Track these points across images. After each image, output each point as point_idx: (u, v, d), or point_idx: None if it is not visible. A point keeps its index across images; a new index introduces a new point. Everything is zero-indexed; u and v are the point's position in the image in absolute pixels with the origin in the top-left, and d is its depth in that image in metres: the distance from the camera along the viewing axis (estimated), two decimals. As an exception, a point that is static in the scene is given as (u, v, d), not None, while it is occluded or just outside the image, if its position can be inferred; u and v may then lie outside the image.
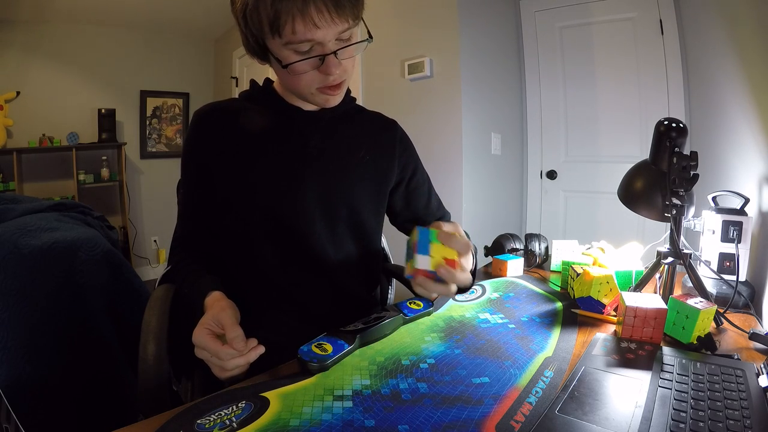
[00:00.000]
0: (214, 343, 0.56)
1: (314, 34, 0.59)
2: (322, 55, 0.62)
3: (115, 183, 3.41)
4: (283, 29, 0.59)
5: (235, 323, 0.58)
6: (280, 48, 0.62)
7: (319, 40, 0.60)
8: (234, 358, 0.55)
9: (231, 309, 0.61)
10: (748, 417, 0.46)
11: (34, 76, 3.07)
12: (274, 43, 0.62)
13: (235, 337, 0.55)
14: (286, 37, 0.60)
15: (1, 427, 1.08)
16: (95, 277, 1.41)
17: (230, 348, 0.55)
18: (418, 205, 0.91)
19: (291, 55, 0.62)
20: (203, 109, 0.76)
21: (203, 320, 0.59)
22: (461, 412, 0.48)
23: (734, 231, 0.84)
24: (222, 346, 0.56)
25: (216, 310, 0.60)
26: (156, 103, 3.65)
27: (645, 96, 2.07)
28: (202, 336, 0.57)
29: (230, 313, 0.60)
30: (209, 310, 0.61)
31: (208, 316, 0.59)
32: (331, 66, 0.63)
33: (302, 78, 0.65)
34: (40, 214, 1.62)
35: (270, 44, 0.63)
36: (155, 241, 3.73)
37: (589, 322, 0.76)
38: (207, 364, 0.57)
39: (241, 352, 0.55)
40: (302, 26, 0.58)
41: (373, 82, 2.33)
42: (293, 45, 0.61)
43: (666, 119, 0.81)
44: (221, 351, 0.55)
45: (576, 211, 2.36)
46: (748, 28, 1.18)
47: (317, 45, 0.61)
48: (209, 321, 0.59)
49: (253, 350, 0.57)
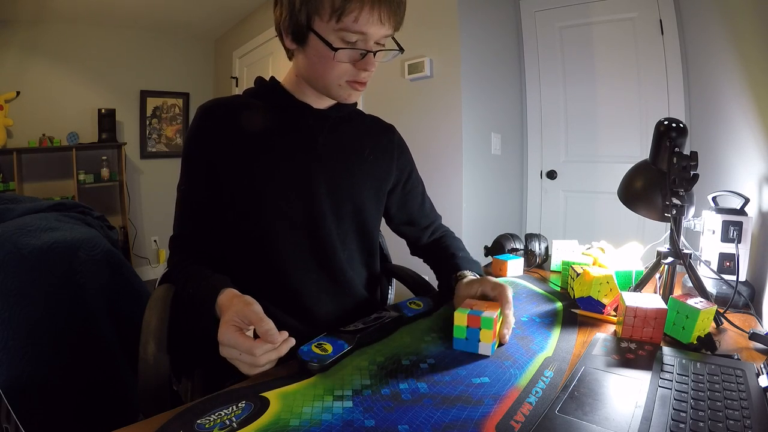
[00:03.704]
0: (245, 339, 0.54)
1: (370, 28, 0.64)
2: (365, 51, 0.66)
3: (115, 183, 3.41)
4: (347, 15, 0.62)
5: (264, 316, 0.56)
6: (330, 32, 0.64)
7: (369, 36, 0.65)
8: (267, 353, 0.54)
9: (255, 304, 0.59)
10: (748, 417, 0.46)
11: (34, 76, 3.06)
12: (325, 26, 0.64)
13: (267, 329, 0.54)
14: (344, 24, 0.63)
15: (1, 427, 1.08)
16: (95, 277, 1.41)
17: (263, 342, 0.54)
18: (412, 207, 0.93)
19: (339, 42, 0.65)
20: (207, 104, 0.75)
21: (227, 317, 0.57)
22: (461, 412, 0.48)
23: (734, 231, 0.84)
24: (254, 341, 0.54)
25: (239, 306, 0.58)
26: (156, 103, 3.65)
27: (645, 96, 2.07)
28: (231, 333, 0.55)
29: (256, 308, 0.58)
30: (231, 307, 0.59)
31: (232, 312, 0.57)
32: (369, 63, 0.68)
33: (339, 67, 0.68)
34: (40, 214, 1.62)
35: (319, 26, 0.65)
36: (155, 241, 3.73)
37: (589, 322, 0.76)
38: (233, 362, 0.55)
39: (274, 345, 0.54)
40: (367, 18, 0.62)
41: (373, 82, 2.30)
42: (345, 33, 0.64)
43: (666, 119, 0.81)
44: (255, 346, 0.53)
45: (576, 211, 2.36)
46: (748, 27, 1.18)
47: (362, 40, 0.65)
48: (234, 317, 0.57)
49: (284, 343, 0.55)
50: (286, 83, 0.78)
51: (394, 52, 0.71)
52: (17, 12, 2.87)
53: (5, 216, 1.50)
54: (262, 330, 0.54)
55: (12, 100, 2.99)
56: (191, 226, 0.78)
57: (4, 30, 2.92)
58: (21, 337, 1.18)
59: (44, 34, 3.07)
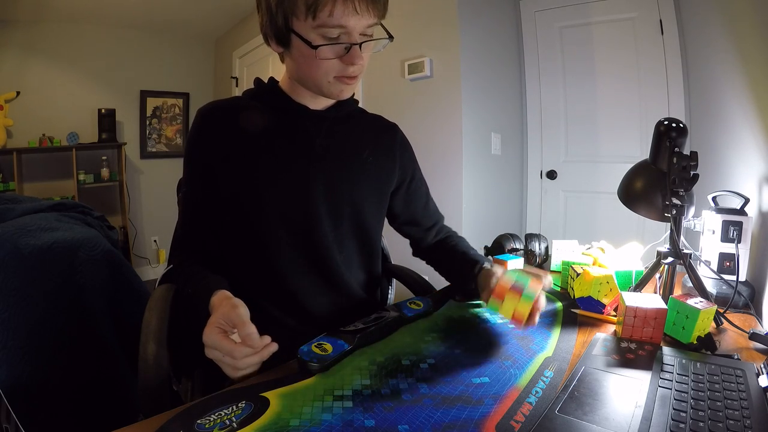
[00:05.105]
0: (227, 342, 0.55)
1: (348, 21, 0.62)
2: (349, 44, 0.64)
3: (115, 183, 3.40)
4: (321, 10, 0.60)
5: (248, 320, 0.56)
6: (309, 30, 0.63)
7: (350, 29, 0.63)
8: (247, 356, 0.54)
9: (242, 307, 0.60)
10: (748, 417, 0.46)
11: (34, 76, 3.06)
12: (303, 25, 0.63)
13: (248, 334, 0.54)
14: (320, 20, 0.61)
15: (1, 427, 1.08)
16: (95, 277, 1.41)
17: (244, 346, 0.54)
18: (416, 207, 0.93)
19: (319, 39, 0.64)
20: (206, 107, 0.76)
21: (213, 319, 0.58)
22: (461, 412, 0.48)
23: (734, 231, 0.84)
24: (235, 344, 0.55)
25: (226, 309, 0.59)
26: (156, 103, 3.65)
27: (645, 96, 2.07)
28: (214, 335, 0.56)
29: (241, 311, 0.58)
30: (218, 309, 0.60)
31: (218, 314, 0.58)
32: (355, 56, 0.66)
33: (324, 64, 0.66)
34: (40, 214, 1.62)
35: (298, 26, 0.64)
36: (155, 241, 3.72)
37: (589, 322, 0.76)
38: (218, 364, 0.56)
39: (255, 350, 0.55)
40: (341, 10, 0.61)
41: (373, 82, 2.33)
42: (324, 29, 0.62)
43: (666, 119, 0.81)
44: (235, 349, 0.54)
45: (576, 211, 2.36)
46: (748, 27, 1.18)
47: (345, 34, 0.64)
48: (219, 320, 0.57)
49: (266, 347, 0.56)
50: (283, 85, 0.78)
51: (384, 41, 0.69)
52: (17, 12, 2.87)
53: (5, 216, 1.50)
54: (243, 334, 0.55)
55: (12, 100, 2.99)
56: (193, 228, 0.79)
57: (4, 30, 2.92)
58: (21, 337, 1.18)
59: (44, 34, 3.07)
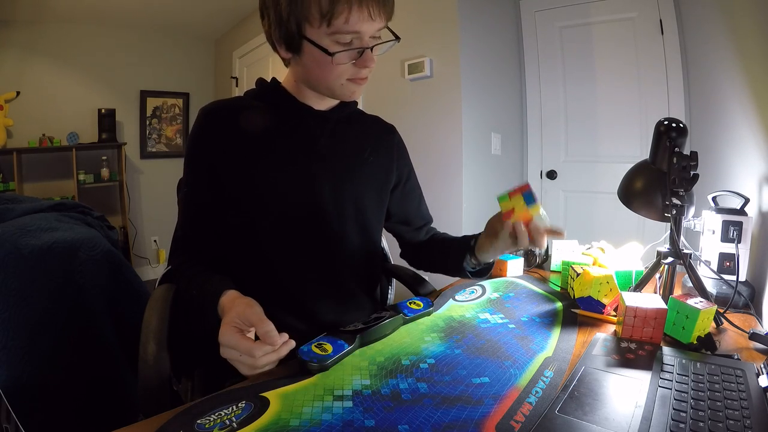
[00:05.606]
0: (246, 341, 0.55)
1: (362, 26, 0.63)
2: (362, 48, 0.65)
3: (115, 183, 3.40)
4: (336, 18, 0.61)
5: (265, 318, 0.57)
6: (323, 37, 0.63)
7: (362, 33, 0.63)
8: (267, 354, 0.54)
9: (256, 305, 0.60)
10: (748, 417, 0.46)
11: (33, 76, 3.06)
12: (316, 32, 0.63)
13: (267, 331, 0.54)
14: (335, 27, 0.62)
15: (1, 427, 1.08)
16: (95, 277, 1.41)
17: (263, 344, 0.54)
18: (410, 207, 0.94)
19: (333, 45, 0.64)
20: (209, 106, 0.75)
21: (228, 319, 0.57)
22: (461, 412, 0.48)
23: (734, 231, 0.84)
24: (254, 343, 0.55)
25: (241, 308, 0.59)
26: (156, 103, 3.65)
27: (645, 96, 2.07)
28: (231, 334, 0.55)
29: (257, 309, 0.59)
30: (232, 309, 0.60)
31: (233, 314, 0.58)
32: (368, 59, 0.67)
33: (338, 68, 0.67)
34: (40, 214, 1.62)
35: (311, 33, 0.64)
36: (155, 241, 3.72)
37: (589, 322, 0.76)
38: (233, 364, 0.56)
39: (274, 347, 0.55)
40: (356, 17, 0.61)
41: (373, 82, 2.32)
42: (339, 35, 0.63)
43: (666, 119, 0.81)
44: (254, 348, 0.54)
45: (576, 211, 2.36)
46: (749, 27, 1.18)
47: (357, 38, 0.64)
48: (235, 319, 0.57)
49: (284, 345, 0.56)
50: (286, 85, 0.78)
51: (391, 42, 0.70)
52: (17, 12, 2.87)
53: (5, 216, 1.50)
54: (262, 331, 0.55)
55: (12, 100, 2.99)
56: (194, 227, 0.79)
57: (4, 30, 2.92)
58: (21, 337, 1.18)
59: (44, 34, 3.07)
